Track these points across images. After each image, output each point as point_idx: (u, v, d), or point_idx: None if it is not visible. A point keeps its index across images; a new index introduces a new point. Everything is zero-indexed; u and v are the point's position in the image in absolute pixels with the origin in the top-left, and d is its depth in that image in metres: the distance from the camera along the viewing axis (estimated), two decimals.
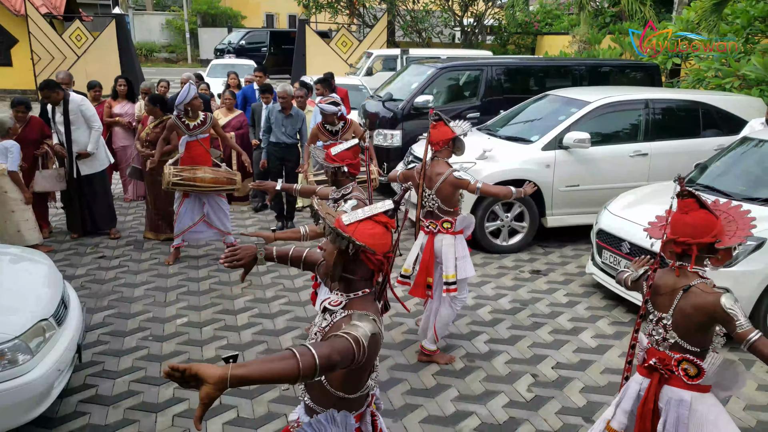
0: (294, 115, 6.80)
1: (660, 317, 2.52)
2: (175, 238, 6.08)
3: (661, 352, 2.53)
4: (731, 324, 2.30)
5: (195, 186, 5.83)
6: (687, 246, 2.43)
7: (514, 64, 9.62)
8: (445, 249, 4.09)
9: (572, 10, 21.37)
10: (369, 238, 1.94)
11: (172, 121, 5.90)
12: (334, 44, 17.91)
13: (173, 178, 5.76)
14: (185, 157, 5.93)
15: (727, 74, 8.07)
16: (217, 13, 31.58)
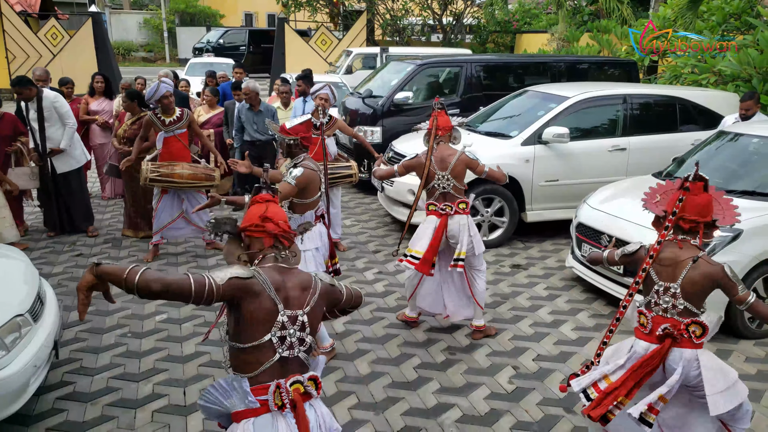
0: (263, 111, 6.78)
1: (667, 287, 2.76)
2: (154, 235, 6.01)
3: (669, 319, 2.75)
4: (734, 289, 2.70)
5: (173, 182, 5.77)
6: (695, 224, 2.73)
7: (494, 60, 9.68)
8: (462, 229, 4.30)
9: (550, 9, 21.60)
10: (246, 220, 2.33)
11: (148, 117, 5.88)
12: (314, 43, 17.86)
13: (151, 174, 5.70)
14: (163, 153, 5.89)
15: (704, 70, 8.20)
16: (195, 12, 31.31)
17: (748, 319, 4.52)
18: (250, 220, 2.30)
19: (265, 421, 2.12)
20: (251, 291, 2.12)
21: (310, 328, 2.25)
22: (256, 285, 2.14)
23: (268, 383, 2.14)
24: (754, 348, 4.44)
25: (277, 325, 2.15)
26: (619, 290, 4.91)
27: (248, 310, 2.13)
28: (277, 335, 2.15)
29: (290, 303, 2.20)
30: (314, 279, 2.33)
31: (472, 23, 21.88)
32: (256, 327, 2.14)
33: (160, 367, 4.12)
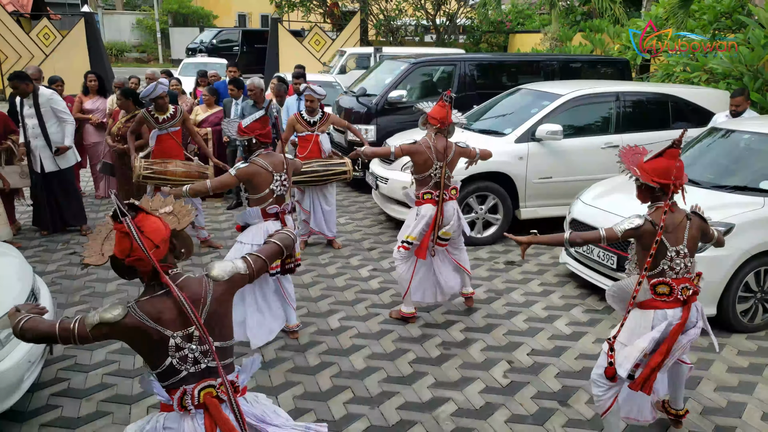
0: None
1: (678, 250, 2.96)
2: None
3: (683, 279, 2.97)
4: (711, 231, 3.11)
5: (166, 179, 5.75)
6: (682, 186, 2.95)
7: (487, 59, 9.71)
8: (454, 213, 4.62)
9: (543, 10, 21.69)
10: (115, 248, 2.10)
11: (142, 114, 5.90)
12: (307, 43, 17.86)
13: (144, 171, 5.69)
14: (156, 151, 5.90)
15: (695, 68, 8.26)
16: (188, 13, 31.24)
17: (739, 314, 4.56)
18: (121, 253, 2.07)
19: (173, 418, 2.19)
20: (127, 332, 2.07)
21: (215, 330, 2.17)
22: (131, 323, 2.06)
23: (177, 388, 2.16)
24: (745, 341, 4.47)
25: (171, 349, 2.11)
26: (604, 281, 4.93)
27: (137, 347, 2.15)
28: (176, 357, 2.12)
29: (178, 324, 2.11)
30: (204, 284, 2.20)
31: (465, 24, 21.95)
32: (153, 356, 2.13)
33: None
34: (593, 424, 3.49)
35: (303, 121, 6.02)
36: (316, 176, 5.92)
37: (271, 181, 4.08)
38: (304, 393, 3.78)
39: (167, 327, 2.09)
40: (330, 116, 6.18)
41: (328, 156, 6.11)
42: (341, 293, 5.26)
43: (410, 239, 4.53)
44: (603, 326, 4.70)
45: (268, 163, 4.08)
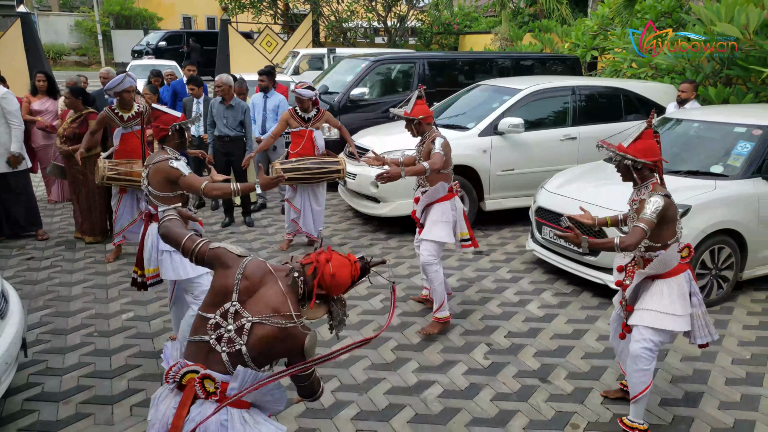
0: (235, 106, 6.65)
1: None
2: (115, 236, 5.81)
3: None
4: None
5: (132, 181, 5.57)
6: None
7: (446, 57, 9.91)
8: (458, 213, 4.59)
9: (490, 12, 22.21)
10: None
11: (104, 113, 5.63)
12: (259, 44, 17.67)
13: (108, 172, 5.46)
14: (120, 150, 5.66)
15: (642, 64, 8.66)
16: (131, 15, 30.36)
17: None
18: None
19: (162, 390, 2.25)
20: (226, 269, 2.23)
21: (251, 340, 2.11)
22: (231, 264, 2.24)
23: (177, 360, 2.21)
24: None
25: (221, 310, 2.16)
26: (580, 269, 5.14)
27: (215, 278, 2.26)
28: (216, 320, 2.15)
29: (246, 301, 2.15)
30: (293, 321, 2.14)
31: (415, 26, 22.23)
32: (210, 299, 2.22)
33: (133, 363, 4.03)
34: (574, 398, 3.64)
35: (297, 116, 5.90)
36: (308, 173, 5.76)
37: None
38: (290, 385, 3.78)
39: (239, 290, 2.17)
40: (324, 113, 6.03)
41: (322, 154, 5.97)
42: None
43: (465, 235, 4.53)
44: (573, 308, 4.88)
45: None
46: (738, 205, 4.85)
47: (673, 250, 3.13)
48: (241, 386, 2.11)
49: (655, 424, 3.39)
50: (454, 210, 4.46)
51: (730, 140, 5.27)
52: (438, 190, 4.39)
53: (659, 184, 3.17)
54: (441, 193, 4.40)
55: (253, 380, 2.12)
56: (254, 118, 7.10)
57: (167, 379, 2.16)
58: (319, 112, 5.96)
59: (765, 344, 4.29)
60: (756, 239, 4.91)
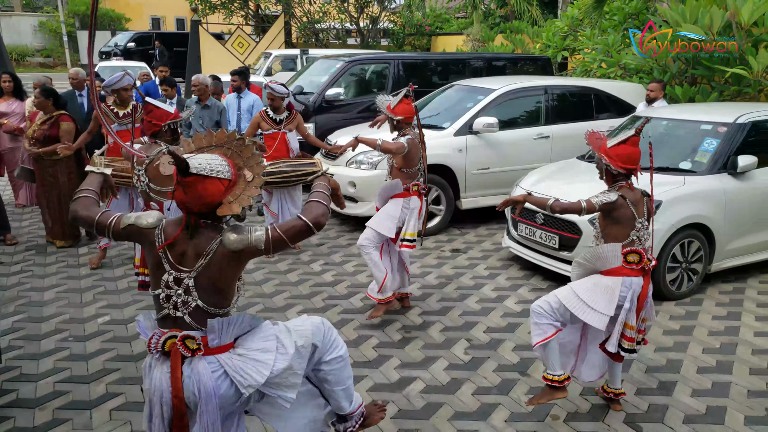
0: (211, 106, 6.60)
1: (642, 222, 3.24)
2: (102, 238, 5.66)
3: (641, 249, 3.22)
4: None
5: (128, 178, 5.34)
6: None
7: (420, 58, 9.99)
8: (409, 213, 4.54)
9: (461, 14, 22.43)
10: None
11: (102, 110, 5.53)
12: (230, 45, 17.53)
13: (105, 168, 5.32)
14: (113, 148, 5.42)
15: (611, 65, 8.86)
16: (97, 16, 29.81)
17: (669, 282, 4.96)
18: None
19: (149, 360, 2.32)
20: (144, 239, 2.28)
21: (200, 292, 2.22)
22: (149, 233, 2.27)
23: (154, 330, 2.29)
24: (675, 307, 4.87)
25: (163, 282, 2.25)
26: (556, 265, 5.23)
27: (146, 257, 2.33)
28: (164, 293, 2.26)
29: (179, 263, 2.24)
30: (213, 243, 2.23)
31: (388, 27, 22.32)
32: (152, 277, 2.30)
33: (111, 367, 3.97)
34: None
35: (268, 118, 5.81)
36: (284, 177, 5.60)
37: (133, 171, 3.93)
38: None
39: (168, 259, 2.23)
40: (297, 115, 5.95)
41: (297, 156, 5.88)
42: (296, 288, 5.26)
43: (411, 236, 4.46)
44: None
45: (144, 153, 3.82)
46: (706, 200, 5.00)
47: (613, 248, 3.18)
48: (219, 334, 2.25)
49: (631, 413, 3.47)
50: (407, 208, 4.48)
51: (697, 137, 5.43)
52: (393, 187, 4.49)
53: (627, 187, 3.23)
54: (396, 190, 4.48)
55: (227, 325, 2.27)
56: (228, 119, 7.05)
57: (150, 350, 2.27)
58: (291, 113, 5.89)
59: (733, 334, 4.43)
60: (723, 233, 5.07)
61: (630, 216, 3.19)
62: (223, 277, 2.27)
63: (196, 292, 2.23)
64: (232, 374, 2.24)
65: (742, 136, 5.25)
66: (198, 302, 2.23)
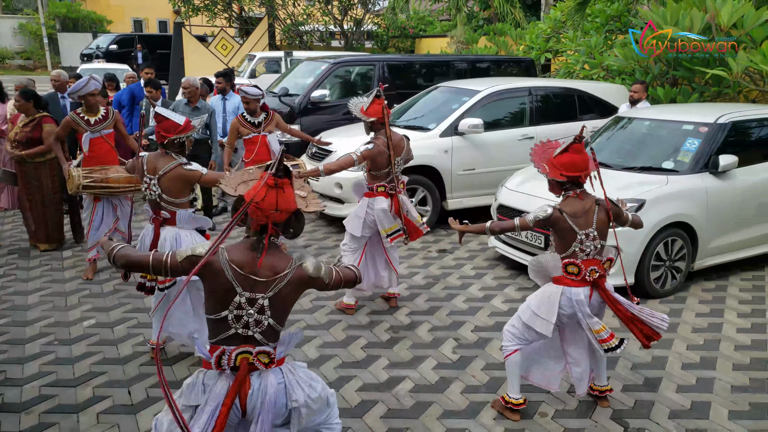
0: (201, 108, 6.54)
1: (587, 233, 3.17)
2: (90, 250, 5.46)
3: (594, 260, 3.20)
4: (622, 213, 3.29)
5: (109, 187, 5.23)
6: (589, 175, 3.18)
7: (405, 60, 10.01)
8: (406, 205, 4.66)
9: (444, 16, 22.55)
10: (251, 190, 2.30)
11: (69, 117, 5.31)
12: (214, 47, 17.45)
13: (83, 180, 5.14)
14: (89, 157, 5.31)
15: (593, 66, 8.97)
16: (78, 18, 29.51)
17: (653, 281, 5.03)
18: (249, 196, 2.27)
19: (211, 375, 2.36)
20: (208, 270, 2.27)
21: (273, 311, 2.32)
22: (215, 264, 2.27)
23: (219, 346, 2.33)
24: (659, 305, 4.94)
25: (234, 304, 2.29)
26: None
27: (207, 286, 2.34)
28: (233, 313, 2.30)
29: (252, 286, 2.29)
30: (291, 266, 2.34)
31: (372, 29, 22.36)
32: (215, 302, 2.32)
33: (98, 371, 3.93)
34: (540, 387, 3.74)
35: (246, 123, 5.69)
36: None
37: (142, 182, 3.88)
38: None
39: (240, 283, 2.27)
40: (275, 116, 5.87)
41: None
42: None
43: (389, 230, 4.56)
44: None
45: (150, 162, 3.81)
46: (688, 199, 5.08)
47: (552, 258, 3.25)
48: (286, 347, 2.41)
49: (618, 409, 3.52)
50: (371, 210, 4.54)
51: (679, 137, 5.52)
52: (360, 186, 4.67)
53: (575, 197, 3.19)
54: (363, 189, 4.63)
55: (291, 339, 2.44)
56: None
57: (219, 367, 2.31)
58: (268, 114, 5.80)
59: (716, 330, 4.51)
60: (705, 231, 5.15)
61: (568, 229, 3.15)
62: (292, 299, 2.39)
63: (269, 311, 2.31)
64: (293, 385, 2.37)
65: (722, 136, 5.35)
66: (270, 321, 2.32)
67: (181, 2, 21.35)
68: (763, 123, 5.76)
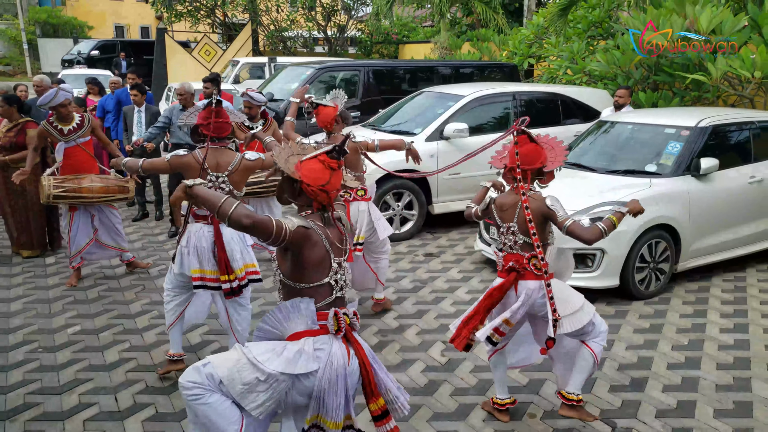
0: None
1: (509, 227, 3.19)
2: (72, 259, 5.35)
3: (515, 255, 3.17)
4: (554, 216, 3.05)
5: (82, 197, 5.15)
6: (524, 171, 3.11)
7: (390, 65, 10.07)
8: (361, 215, 4.45)
9: (427, 22, 22.69)
10: (307, 172, 2.36)
11: (42, 128, 5.20)
12: (197, 53, 17.38)
13: (54, 190, 5.01)
14: (65, 166, 5.21)
15: (576, 71, 9.08)
16: (59, 23, 29.22)
17: (638, 282, 5.09)
18: (315, 180, 2.35)
19: (323, 340, 2.40)
20: (311, 240, 2.37)
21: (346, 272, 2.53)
22: (314, 235, 2.37)
23: (326, 311, 2.42)
24: (644, 307, 5.00)
25: (332, 269, 2.44)
26: None
27: (308, 256, 2.38)
28: (333, 279, 2.45)
29: (336, 252, 2.45)
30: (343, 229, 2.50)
31: (355, 36, 22.43)
32: (315, 270, 2.41)
33: (84, 378, 3.88)
34: (529, 389, 3.77)
35: (245, 128, 5.57)
36: (263, 187, 5.45)
37: (204, 178, 3.62)
38: None
39: (332, 249, 2.42)
40: (273, 122, 5.77)
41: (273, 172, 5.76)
42: (272, 295, 5.24)
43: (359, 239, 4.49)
44: None
45: (210, 159, 3.64)
46: (671, 202, 5.15)
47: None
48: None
49: (605, 409, 3.55)
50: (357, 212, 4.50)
51: (662, 141, 5.60)
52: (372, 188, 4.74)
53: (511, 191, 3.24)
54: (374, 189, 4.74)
55: None
56: None
57: (338, 330, 2.40)
58: (267, 121, 5.73)
59: (700, 331, 4.57)
60: (688, 233, 5.23)
61: (493, 221, 3.29)
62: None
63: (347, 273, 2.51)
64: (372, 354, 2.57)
65: (703, 140, 5.44)
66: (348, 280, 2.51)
67: (164, 8, 21.23)
68: (741, 127, 5.87)
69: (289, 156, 2.41)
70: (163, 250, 6.31)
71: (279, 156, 2.39)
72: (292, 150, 2.44)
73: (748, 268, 5.82)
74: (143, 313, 4.83)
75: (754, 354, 4.21)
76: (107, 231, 5.42)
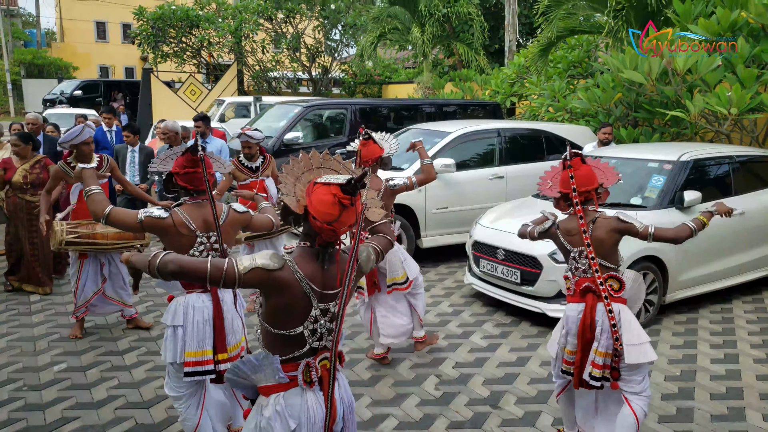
0: None
1: (580, 251, 3.10)
2: (77, 310, 4.95)
3: (589, 278, 3.07)
4: (633, 228, 3.03)
5: (95, 244, 4.79)
6: (587, 192, 3.09)
7: (375, 104, 10.24)
8: (390, 256, 4.28)
9: (409, 64, 23.21)
10: (316, 203, 2.05)
11: (59, 168, 4.81)
12: (182, 93, 17.52)
13: (66, 236, 4.66)
14: (78, 209, 4.86)
15: (558, 109, 9.31)
16: (44, 64, 29.34)
17: None
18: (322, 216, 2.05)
19: (294, 394, 2.18)
20: (276, 283, 2.08)
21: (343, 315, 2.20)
22: (283, 278, 2.09)
23: (297, 362, 2.18)
24: None
25: (310, 319, 2.15)
26: (518, 300, 5.34)
27: (274, 300, 2.12)
28: (309, 329, 2.16)
29: (325, 296, 2.17)
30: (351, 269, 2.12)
31: (339, 77, 22.83)
32: (287, 318, 2.14)
33: (71, 416, 3.78)
34: (525, 421, 3.75)
35: (243, 167, 5.33)
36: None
37: (192, 244, 3.10)
38: None
39: (314, 295, 2.13)
40: (272, 160, 5.54)
41: (278, 203, 5.66)
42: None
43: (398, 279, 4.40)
44: (514, 337, 5.05)
45: (195, 218, 3.11)
46: None
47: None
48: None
49: None
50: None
51: (645, 174, 5.73)
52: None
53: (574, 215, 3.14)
54: None
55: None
56: None
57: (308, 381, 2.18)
58: (266, 158, 5.47)
59: (691, 361, 4.60)
60: (675, 265, 5.31)
61: (560, 245, 3.23)
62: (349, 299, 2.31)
63: (340, 317, 2.15)
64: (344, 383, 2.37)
65: (685, 173, 5.58)
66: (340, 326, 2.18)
67: (149, 49, 21.46)
68: (720, 161, 6.05)
69: (302, 173, 2.14)
70: (164, 304, 6.08)
71: (290, 172, 2.12)
72: (311, 162, 2.17)
73: (734, 300, 5.91)
74: (131, 350, 4.74)
75: (746, 384, 4.24)
76: (114, 283, 5.06)
